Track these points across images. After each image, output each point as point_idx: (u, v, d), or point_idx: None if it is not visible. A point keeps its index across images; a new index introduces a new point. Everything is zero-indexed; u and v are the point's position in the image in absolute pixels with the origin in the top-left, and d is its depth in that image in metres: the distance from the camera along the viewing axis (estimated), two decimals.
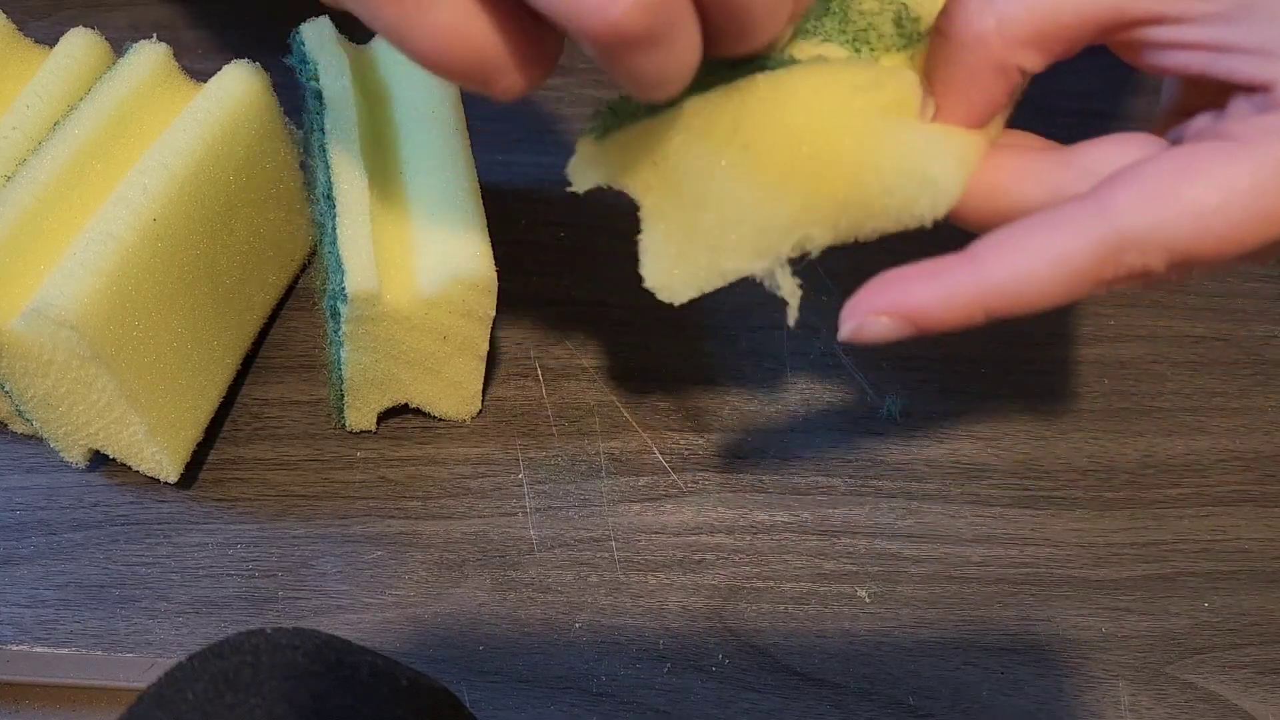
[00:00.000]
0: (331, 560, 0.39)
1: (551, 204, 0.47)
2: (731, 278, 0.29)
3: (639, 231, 0.31)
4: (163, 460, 0.37)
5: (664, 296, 0.30)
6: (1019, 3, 0.25)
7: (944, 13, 0.27)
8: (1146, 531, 0.40)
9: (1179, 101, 0.30)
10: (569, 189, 0.31)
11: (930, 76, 0.28)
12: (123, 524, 0.39)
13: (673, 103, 0.27)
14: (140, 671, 0.37)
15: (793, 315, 0.29)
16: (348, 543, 0.39)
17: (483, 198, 0.36)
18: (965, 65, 0.26)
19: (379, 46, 0.40)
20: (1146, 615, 0.38)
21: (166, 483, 0.39)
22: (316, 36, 0.38)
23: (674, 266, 0.30)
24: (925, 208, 0.27)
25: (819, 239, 0.28)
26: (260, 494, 0.40)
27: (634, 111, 0.29)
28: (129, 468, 0.39)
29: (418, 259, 0.35)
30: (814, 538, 0.40)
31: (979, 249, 0.26)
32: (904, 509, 0.40)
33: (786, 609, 0.38)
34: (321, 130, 0.36)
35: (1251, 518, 0.40)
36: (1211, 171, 0.24)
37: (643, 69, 0.23)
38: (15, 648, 0.37)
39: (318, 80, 0.37)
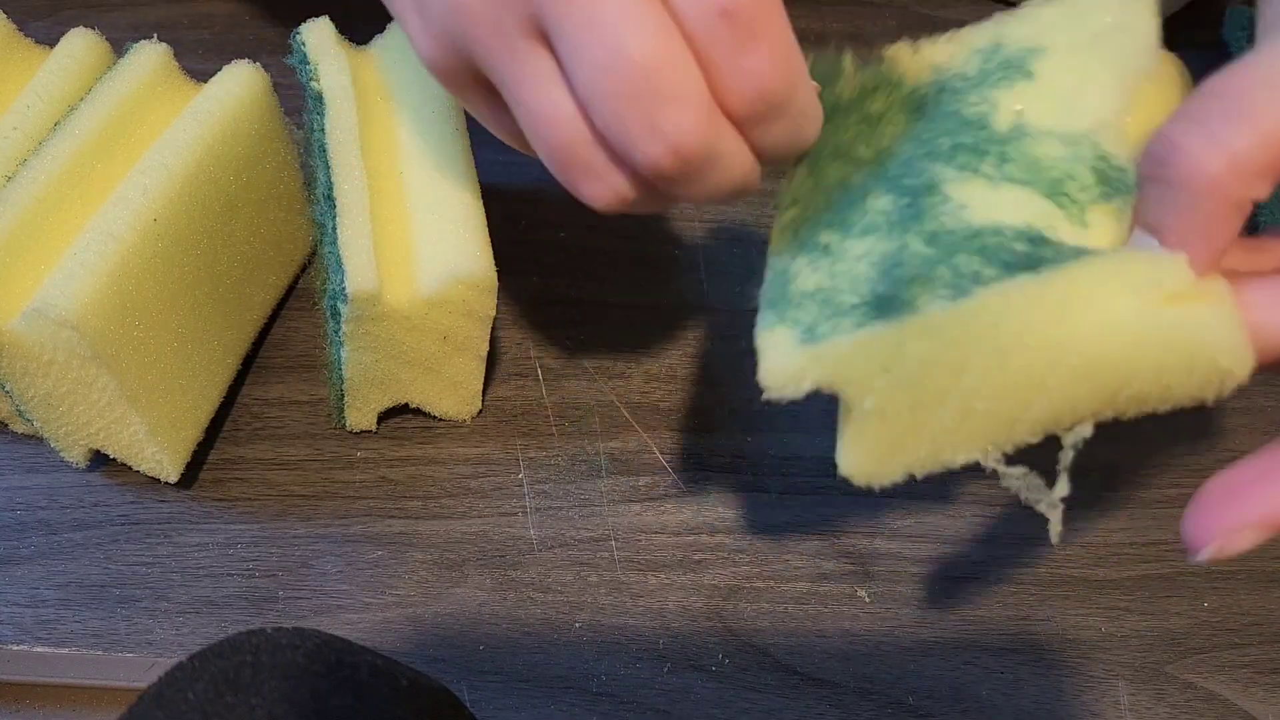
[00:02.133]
0: (332, 560, 0.39)
1: (551, 204, 0.47)
2: (954, 467, 0.26)
3: (639, 232, 0.30)
4: (163, 460, 0.37)
5: (863, 482, 0.27)
6: (1249, 135, 0.23)
7: (1154, 159, 0.25)
8: (1146, 531, 0.40)
9: None
10: (764, 396, 0.26)
11: (1158, 227, 0.26)
12: (123, 524, 0.39)
13: (909, 306, 0.25)
14: (140, 671, 0.37)
15: (1055, 531, 0.27)
16: (348, 543, 0.39)
17: (483, 198, 0.36)
18: (1202, 212, 0.24)
19: (379, 47, 0.40)
20: (1146, 615, 0.38)
21: (167, 483, 0.39)
22: (317, 37, 0.38)
23: (885, 458, 0.27)
24: (1211, 393, 0.25)
25: (1078, 430, 0.26)
26: (260, 494, 0.40)
27: (836, 303, 0.27)
28: (129, 468, 0.39)
29: (418, 259, 0.35)
30: (814, 538, 0.40)
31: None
32: (904, 509, 0.40)
33: (786, 609, 0.38)
34: (321, 130, 0.36)
35: None
36: None
37: (702, 187, 0.27)
38: (15, 647, 0.37)
39: (318, 81, 0.37)
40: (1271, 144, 0.23)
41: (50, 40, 0.39)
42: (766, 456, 0.41)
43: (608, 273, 0.46)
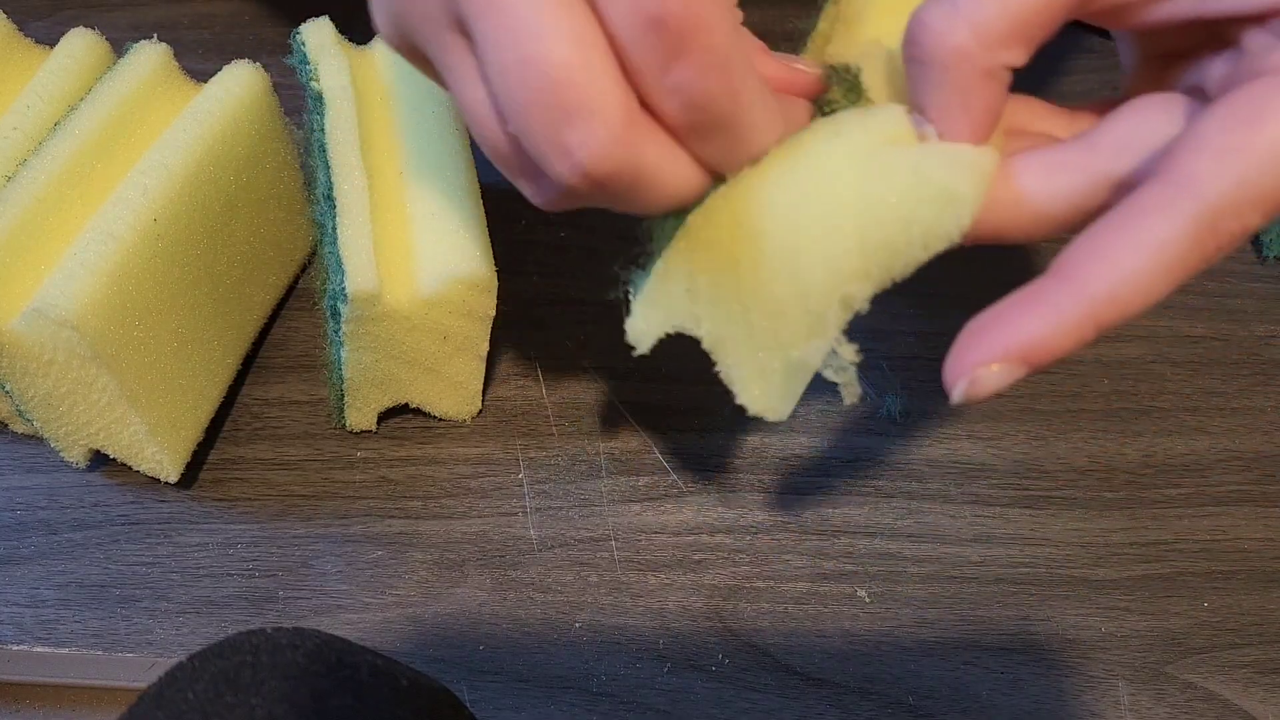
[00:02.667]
0: (332, 560, 0.39)
1: None
2: (814, 367, 0.28)
3: (638, 231, 0.30)
4: (163, 460, 0.37)
5: (773, 418, 0.29)
6: (990, 4, 0.24)
7: (909, 40, 0.26)
8: (1146, 531, 0.40)
9: (1144, 59, 0.28)
10: (634, 354, 0.30)
11: (921, 105, 0.27)
12: (123, 524, 0.39)
13: (672, 233, 0.27)
14: (140, 671, 0.37)
15: (850, 394, 0.28)
16: (348, 543, 0.39)
17: (483, 198, 0.36)
18: (952, 83, 0.25)
19: (379, 47, 0.40)
20: (1146, 615, 0.38)
21: (167, 483, 0.39)
22: (317, 37, 0.38)
23: (760, 384, 0.28)
24: (950, 224, 0.26)
25: (858, 294, 0.27)
26: (260, 494, 0.40)
27: (650, 257, 0.28)
28: (129, 468, 0.39)
29: (418, 259, 0.35)
30: (814, 538, 0.40)
31: (1070, 264, 0.24)
32: (904, 509, 0.40)
33: (786, 609, 0.38)
34: (321, 130, 0.36)
35: (1251, 518, 0.40)
36: (1277, 108, 0.23)
37: (635, 203, 0.25)
38: (16, 647, 0.37)
39: (318, 81, 0.37)
40: (1011, 9, 0.24)
41: (50, 40, 0.39)
42: (766, 456, 0.41)
43: (608, 273, 0.46)
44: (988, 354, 0.24)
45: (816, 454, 0.41)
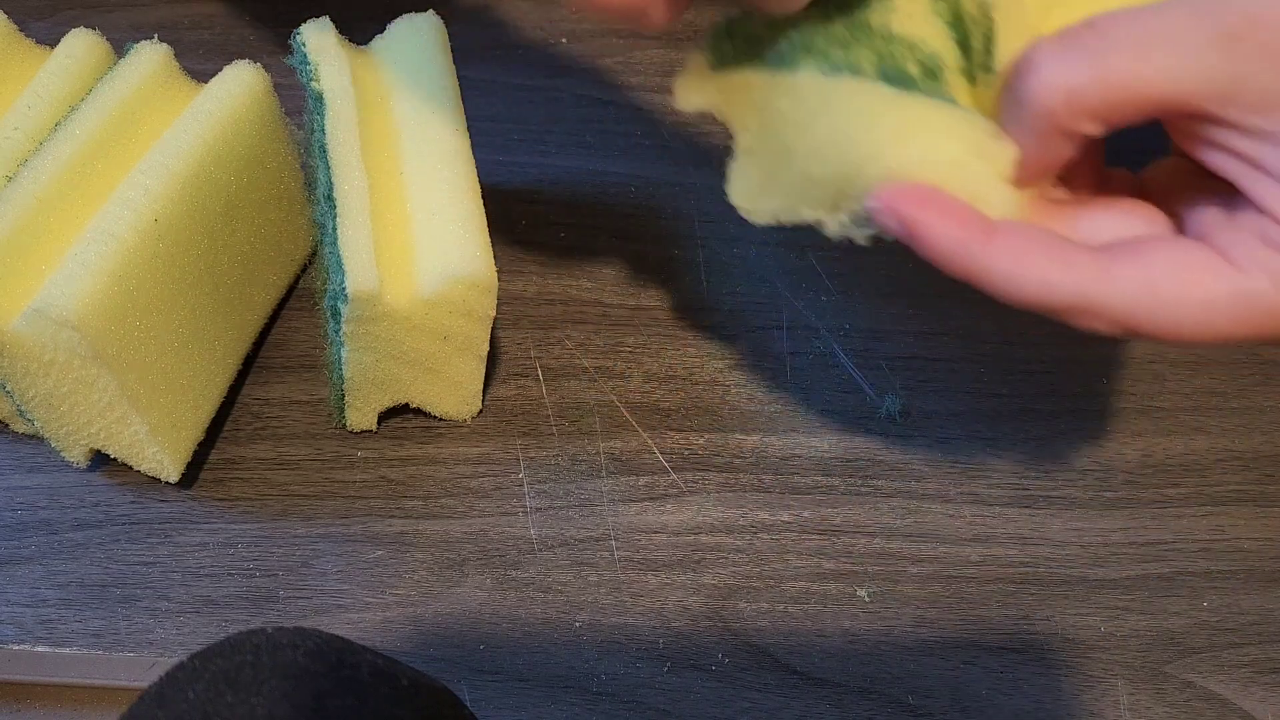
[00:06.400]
0: (332, 560, 0.39)
1: (551, 204, 0.47)
2: (806, 220, 0.30)
3: (639, 232, 0.31)
4: (164, 460, 0.37)
5: (746, 216, 0.32)
6: (1092, 81, 0.26)
7: (1017, 69, 0.28)
8: (1145, 531, 0.40)
9: (1182, 162, 0.30)
10: (676, 107, 0.33)
11: (1004, 122, 0.29)
12: (124, 523, 0.39)
13: (792, 62, 0.30)
14: (141, 671, 0.37)
15: (834, 229, 0.30)
16: (348, 542, 0.39)
17: (483, 198, 0.37)
18: (1036, 131, 0.27)
19: (379, 47, 0.40)
20: (1145, 614, 0.38)
21: (167, 482, 0.39)
22: (317, 38, 0.38)
23: (758, 197, 0.32)
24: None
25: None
26: (261, 493, 0.40)
27: (753, 44, 0.31)
28: (130, 467, 0.39)
29: (418, 259, 0.35)
30: (814, 537, 0.40)
31: (999, 232, 0.27)
32: (904, 509, 0.40)
33: (786, 609, 0.38)
34: (322, 130, 0.36)
35: (1251, 518, 0.41)
36: (1203, 283, 0.26)
37: None
38: (17, 647, 0.37)
39: (318, 81, 0.37)
40: (1108, 93, 0.26)
41: (51, 40, 0.39)
42: (766, 456, 0.41)
43: (608, 273, 0.46)
44: (907, 213, 0.27)
45: (816, 454, 0.41)
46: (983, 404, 0.43)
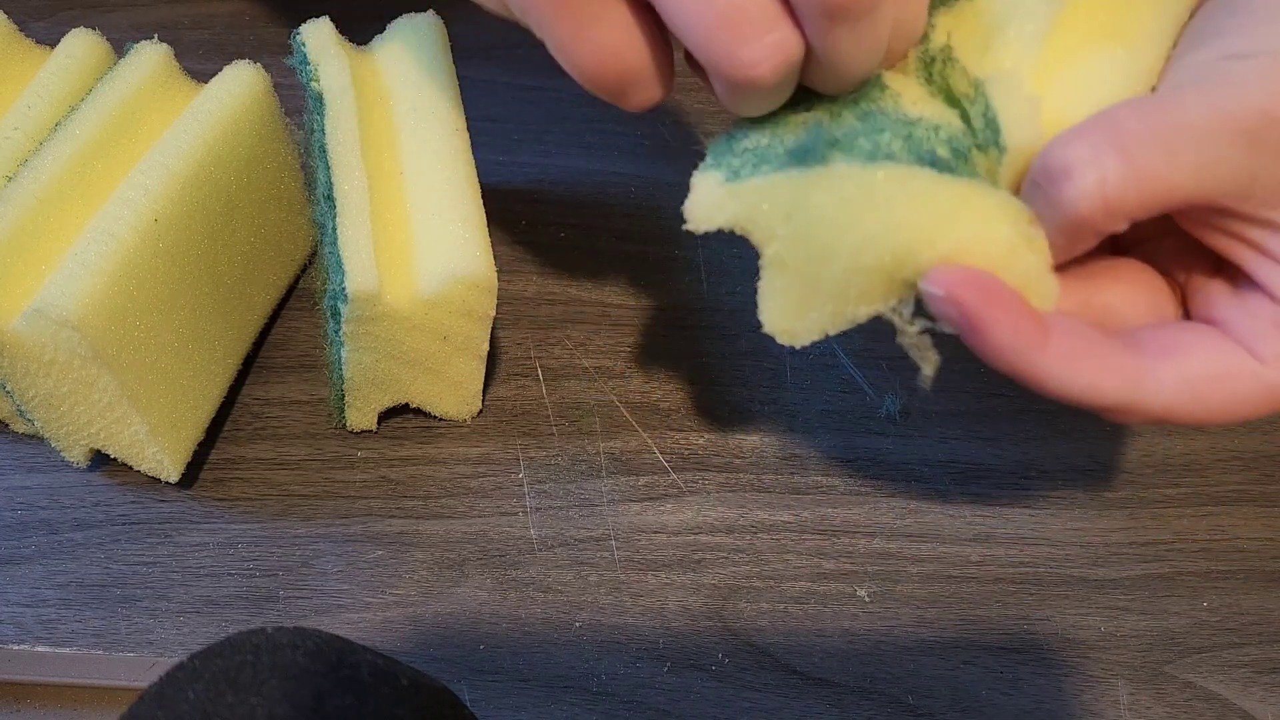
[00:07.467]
0: (332, 560, 0.39)
1: (551, 204, 0.47)
2: (862, 320, 0.29)
3: (639, 232, 0.31)
4: (164, 460, 0.37)
5: (784, 341, 0.30)
6: (1128, 188, 0.26)
7: (1047, 174, 0.27)
8: (1145, 531, 0.40)
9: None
10: (684, 227, 0.30)
11: (1034, 211, 0.28)
12: (124, 523, 0.39)
13: (822, 156, 0.28)
14: (141, 671, 0.37)
15: (928, 367, 0.29)
16: (348, 542, 0.39)
17: (483, 198, 0.37)
18: (1069, 232, 0.27)
19: (379, 47, 0.40)
20: (1145, 614, 0.38)
21: (167, 482, 0.39)
22: (317, 38, 0.38)
23: (797, 313, 0.29)
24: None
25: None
26: (261, 493, 0.40)
27: (764, 150, 0.29)
28: (130, 467, 0.39)
29: (418, 259, 0.35)
30: (814, 537, 0.40)
31: (1052, 335, 0.27)
32: (904, 509, 0.40)
33: (786, 608, 0.38)
34: (322, 130, 0.36)
35: (1250, 517, 0.41)
36: (1237, 383, 0.27)
37: (758, 105, 0.28)
38: (16, 647, 0.37)
39: (318, 81, 0.37)
40: (1143, 197, 0.26)
41: (51, 40, 0.39)
42: (766, 456, 0.41)
43: (608, 273, 0.46)
44: (968, 296, 0.26)
45: (816, 454, 0.41)
46: (983, 404, 0.43)
